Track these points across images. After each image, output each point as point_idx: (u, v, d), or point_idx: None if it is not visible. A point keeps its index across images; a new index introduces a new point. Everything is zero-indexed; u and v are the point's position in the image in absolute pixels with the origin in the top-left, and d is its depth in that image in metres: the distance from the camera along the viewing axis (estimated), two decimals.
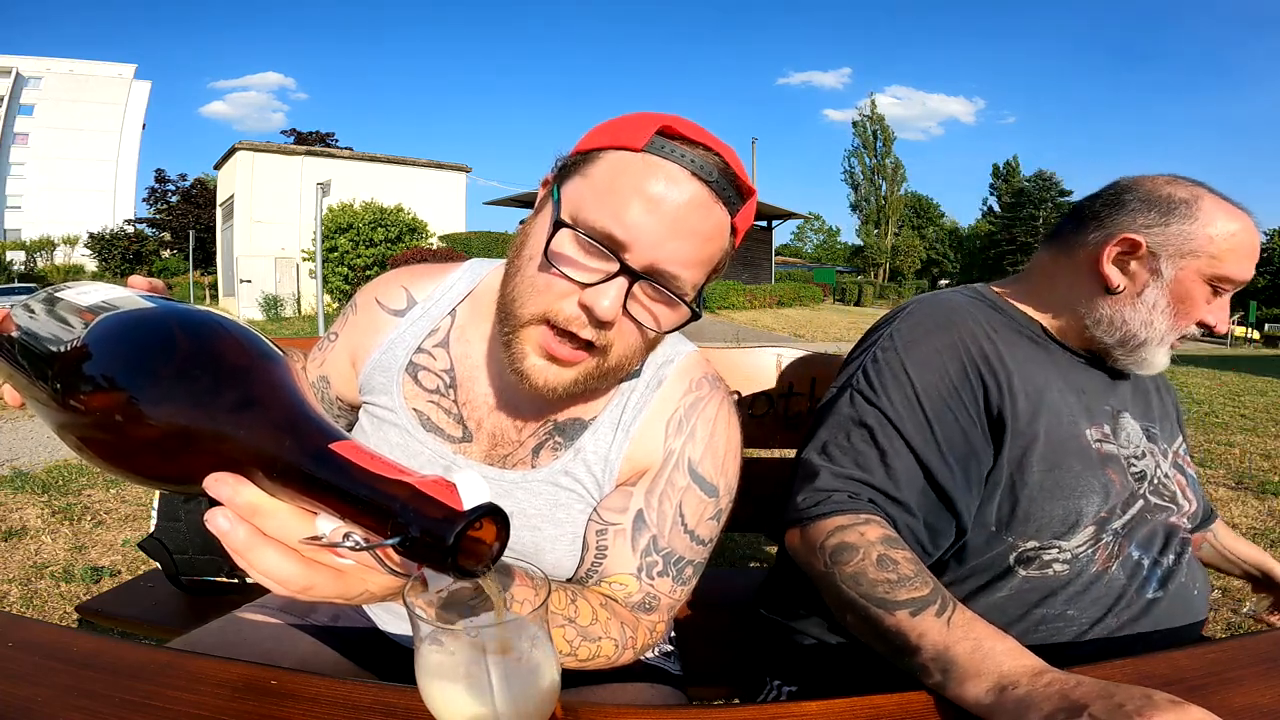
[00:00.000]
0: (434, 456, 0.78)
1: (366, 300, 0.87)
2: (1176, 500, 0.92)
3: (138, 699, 0.55)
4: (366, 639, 0.90)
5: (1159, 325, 0.90)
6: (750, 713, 0.64)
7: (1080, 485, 0.85)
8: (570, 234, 0.65)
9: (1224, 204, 0.90)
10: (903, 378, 0.86)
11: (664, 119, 0.67)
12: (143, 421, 0.40)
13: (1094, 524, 0.85)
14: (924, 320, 0.92)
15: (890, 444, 0.83)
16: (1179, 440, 1.01)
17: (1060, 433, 0.86)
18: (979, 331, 0.91)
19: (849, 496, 0.80)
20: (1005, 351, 0.90)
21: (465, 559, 0.38)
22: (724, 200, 0.67)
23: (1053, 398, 0.88)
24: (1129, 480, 0.89)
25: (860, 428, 0.85)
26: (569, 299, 0.65)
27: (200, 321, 0.44)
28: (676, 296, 0.67)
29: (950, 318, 0.92)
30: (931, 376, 0.86)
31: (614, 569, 0.75)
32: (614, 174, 0.65)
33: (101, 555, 2.70)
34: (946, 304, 0.94)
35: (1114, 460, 0.89)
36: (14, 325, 0.47)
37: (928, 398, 0.85)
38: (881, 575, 0.71)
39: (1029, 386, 0.88)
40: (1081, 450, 0.87)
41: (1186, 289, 0.90)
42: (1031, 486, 0.84)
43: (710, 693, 1.15)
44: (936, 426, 0.84)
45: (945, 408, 0.85)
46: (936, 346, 0.88)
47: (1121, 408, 0.94)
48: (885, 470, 0.82)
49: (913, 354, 0.88)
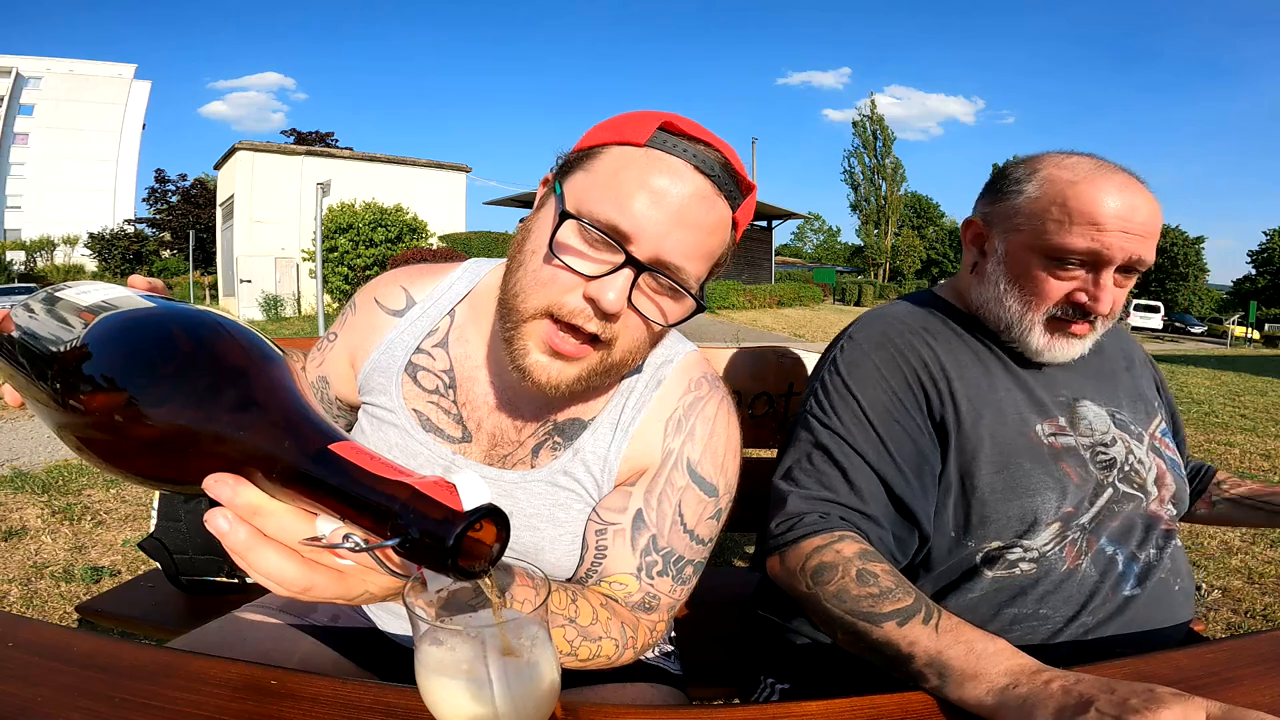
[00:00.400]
0: (433, 457, 0.78)
1: (365, 300, 0.87)
2: (1146, 488, 0.90)
3: (138, 699, 0.55)
4: (366, 639, 0.90)
5: (1012, 305, 0.89)
6: (750, 713, 0.64)
7: (1033, 483, 0.84)
8: (575, 226, 0.65)
9: (1064, 171, 0.86)
10: (849, 398, 0.88)
11: (665, 116, 0.68)
12: (142, 422, 0.40)
13: (1058, 520, 0.84)
14: (863, 340, 0.94)
15: (848, 461, 0.85)
16: (1156, 421, 0.97)
17: (1006, 433, 0.86)
18: (916, 341, 0.92)
19: (820, 517, 0.81)
20: (945, 358, 0.91)
21: (465, 560, 0.38)
22: (725, 194, 0.68)
23: (997, 398, 0.88)
24: (1092, 471, 0.88)
25: (818, 450, 0.87)
26: (574, 292, 0.66)
27: (200, 322, 0.44)
28: (681, 287, 0.67)
29: (886, 333, 0.93)
30: (874, 392, 0.88)
31: (614, 569, 0.75)
32: (617, 168, 0.66)
33: (101, 555, 2.70)
34: (884, 319, 0.96)
35: (1071, 453, 0.87)
36: (14, 325, 0.47)
37: (874, 413, 0.87)
38: (863, 590, 0.71)
39: (970, 390, 0.88)
40: (1032, 447, 0.86)
41: (1021, 264, 0.88)
42: (983, 489, 0.84)
43: (710, 693, 1.15)
44: (887, 439, 0.86)
45: (892, 420, 0.87)
46: (876, 363, 0.90)
47: (1079, 395, 0.92)
48: (849, 487, 0.84)
49: (855, 374, 0.90)
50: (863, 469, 0.85)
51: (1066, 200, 0.84)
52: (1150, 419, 0.97)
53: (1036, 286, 0.87)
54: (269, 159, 22.78)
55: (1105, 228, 0.82)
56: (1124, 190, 0.83)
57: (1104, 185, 0.83)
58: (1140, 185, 0.85)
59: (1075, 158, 0.88)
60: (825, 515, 0.81)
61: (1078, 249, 0.83)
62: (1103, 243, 0.82)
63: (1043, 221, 0.85)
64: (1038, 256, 0.87)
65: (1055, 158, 0.89)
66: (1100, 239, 0.82)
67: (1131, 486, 0.89)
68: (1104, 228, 0.82)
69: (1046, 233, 0.85)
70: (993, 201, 0.93)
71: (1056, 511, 0.85)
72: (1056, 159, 0.88)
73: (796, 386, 1.32)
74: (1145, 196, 0.84)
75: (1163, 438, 0.96)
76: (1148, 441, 0.93)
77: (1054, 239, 0.84)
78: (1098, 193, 0.83)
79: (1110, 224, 0.81)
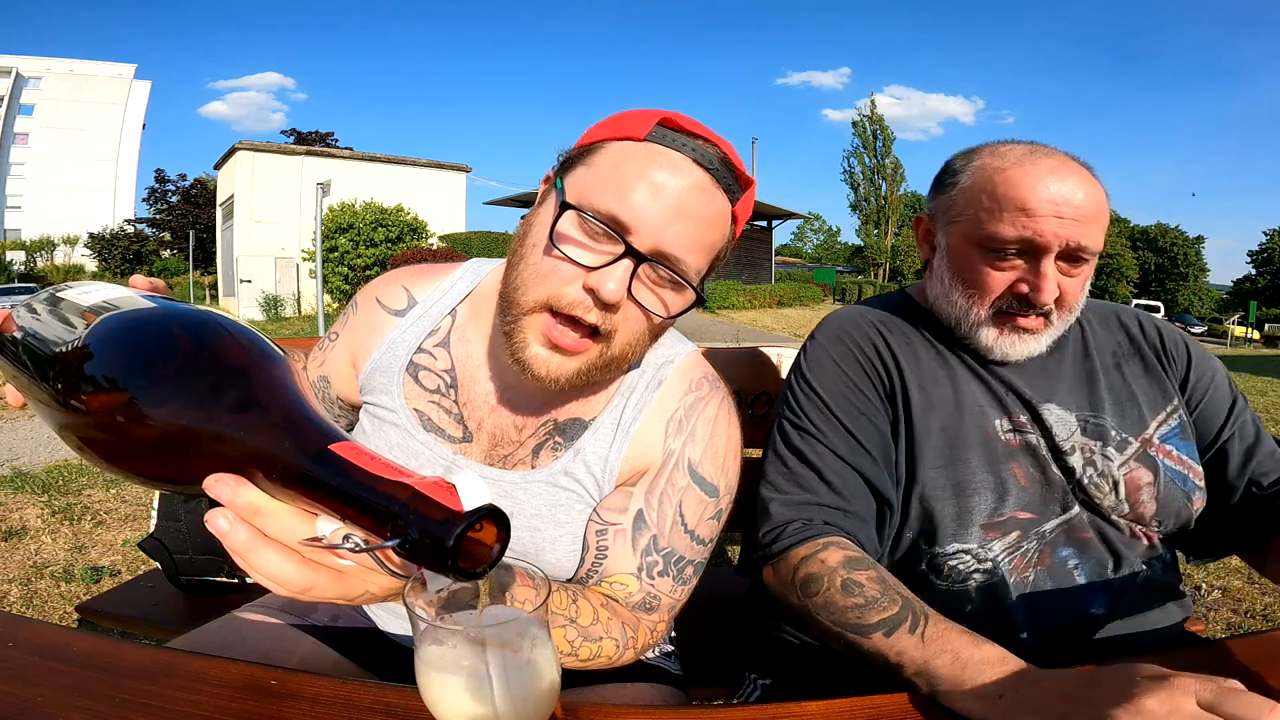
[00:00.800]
0: (434, 457, 0.78)
1: (367, 300, 0.87)
2: (1103, 501, 0.83)
3: (138, 699, 0.55)
4: (366, 639, 0.90)
5: (958, 300, 0.87)
6: (750, 713, 0.64)
7: (974, 482, 0.82)
8: (575, 217, 0.66)
9: (994, 158, 0.83)
10: (813, 396, 0.88)
11: (664, 113, 0.69)
12: (143, 422, 0.40)
13: (1017, 529, 0.81)
14: (822, 339, 0.94)
15: (821, 460, 0.84)
16: (1157, 424, 0.88)
17: (960, 427, 0.85)
18: (870, 332, 0.92)
19: (803, 524, 0.80)
20: (898, 349, 0.90)
21: (465, 560, 0.38)
22: (725, 188, 0.69)
23: (954, 391, 0.87)
24: (1053, 474, 0.84)
25: (792, 453, 0.87)
26: (574, 283, 0.66)
27: (201, 322, 0.44)
28: (681, 278, 0.68)
29: (843, 327, 0.94)
30: (835, 385, 0.88)
31: (614, 569, 0.75)
32: (618, 161, 0.67)
33: (101, 555, 2.70)
34: (842, 317, 0.96)
35: (1029, 453, 0.84)
36: (15, 325, 0.47)
37: (838, 406, 0.87)
38: (849, 601, 0.70)
39: (924, 381, 0.87)
40: (985, 443, 0.84)
41: (961, 257, 0.86)
42: (922, 483, 0.83)
43: (710, 693, 1.15)
44: (855, 431, 0.85)
45: (856, 411, 0.87)
46: (833, 357, 0.91)
47: (1046, 398, 0.87)
48: (827, 486, 0.83)
49: (816, 372, 0.90)
50: (837, 464, 0.84)
51: (995, 187, 0.81)
52: (1147, 422, 0.88)
53: (977, 279, 0.84)
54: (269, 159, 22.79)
55: (1035, 213, 0.78)
56: (1055, 174, 0.79)
57: (1032, 170, 0.79)
58: (1077, 167, 0.81)
59: (1010, 145, 0.84)
60: (809, 521, 0.80)
61: (1008, 237, 0.80)
62: (1033, 229, 0.79)
63: (975, 211, 0.83)
64: (975, 248, 0.84)
65: (991, 146, 0.86)
66: (1031, 225, 0.79)
67: (1089, 498, 0.84)
68: (1034, 213, 0.78)
69: (979, 223, 0.82)
70: (935, 195, 0.91)
71: (992, 515, 0.81)
72: (992, 148, 0.85)
73: None
74: (1081, 179, 0.80)
75: (1163, 444, 0.87)
76: (1133, 449, 0.86)
77: (986, 228, 0.82)
78: (1025, 178, 0.79)
79: (1040, 209, 0.78)
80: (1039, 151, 0.82)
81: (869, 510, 0.84)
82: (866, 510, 0.83)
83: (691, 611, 0.87)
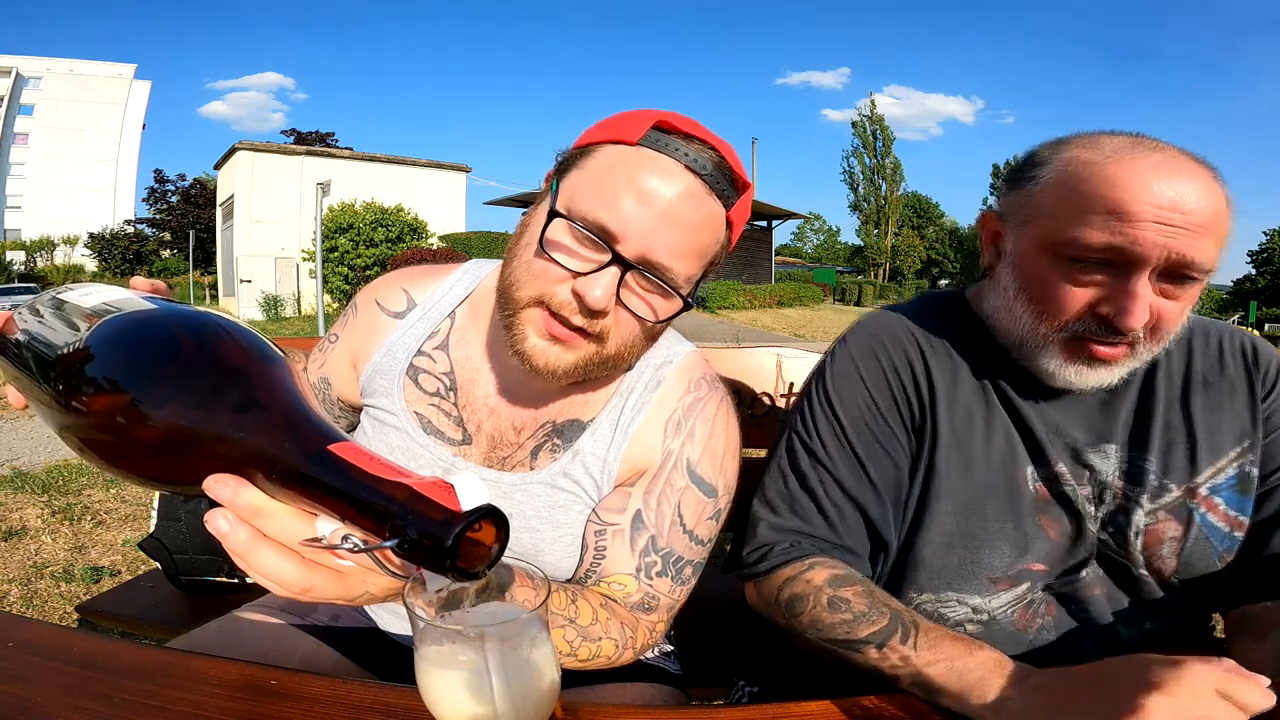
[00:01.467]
0: (434, 460, 0.78)
1: (366, 302, 0.87)
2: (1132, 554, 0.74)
3: (138, 699, 0.55)
4: (366, 639, 0.90)
5: (1022, 317, 0.73)
6: (750, 713, 0.64)
7: (987, 533, 0.74)
8: (564, 224, 0.66)
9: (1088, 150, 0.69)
10: (830, 416, 0.80)
11: (660, 115, 0.68)
12: (144, 423, 0.40)
13: (1026, 581, 0.75)
14: (854, 350, 0.83)
15: (824, 488, 0.79)
16: (1214, 471, 0.75)
17: (984, 474, 0.76)
18: (911, 353, 0.81)
19: (790, 545, 0.77)
20: (938, 376, 0.79)
21: (464, 560, 0.38)
22: (718, 193, 0.68)
23: (979, 432, 0.77)
24: (1087, 530, 0.75)
25: (795, 474, 0.81)
26: (563, 284, 0.67)
27: (201, 323, 0.44)
28: (669, 286, 0.68)
29: (880, 340, 0.82)
30: (857, 411, 0.80)
31: (613, 569, 0.75)
32: (608, 166, 0.67)
33: (101, 555, 2.70)
34: (880, 325, 0.84)
35: (1064, 505, 0.75)
36: (17, 327, 0.47)
37: (856, 436, 0.79)
38: (836, 618, 0.69)
39: (957, 418, 0.77)
40: (1011, 491, 0.75)
41: (1031, 264, 0.72)
42: (928, 529, 0.76)
43: (710, 693, 1.15)
44: (868, 463, 0.78)
45: (874, 442, 0.79)
46: (862, 374, 0.81)
47: (1104, 438, 0.76)
48: (823, 518, 0.79)
49: (840, 388, 0.81)
50: (839, 497, 0.78)
51: (1085, 184, 0.67)
52: (1199, 469, 0.75)
53: (1049, 294, 0.70)
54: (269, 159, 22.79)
55: (1132, 217, 0.63)
56: (1162, 171, 0.64)
57: (1134, 165, 0.65)
58: (1193, 164, 0.66)
59: (1109, 135, 0.70)
60: (795, 544, 0.77)
61: (1094, 244, 0.65)
62: (1128, 236, 0.64)
63: (1057, 212, 0.69)
64: (1050, 256, 0.70)
65: (1085, 136, 0.71)
66: (1125, 231, 0.64)
67: (1115, 551, 0.75)
68: (1130, 217, 0.63)
69: (1061, 225, 0.68)
70: (1010, 191, 0.77)
71: (1007, 569, 0.75)
72: (1086, 138, 0.71)
73: (796, 386, 1.32)
74: (1197, 179, 0.64)
75: (1211, 495, 0.75)
76: (1171, 497, 0.74)
77: (1067, 232, 0.67)
78: (1125, 173, 0.64)
79: (1140, 212, 0.63)
80: (1143, 144, 0.67)
81: (863, 547, 0.80)
82: (860, 546, 0.79)
83: (691, 611, 0.87)
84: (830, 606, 0.70)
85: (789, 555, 0.77)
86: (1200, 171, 0.66)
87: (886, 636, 0.65)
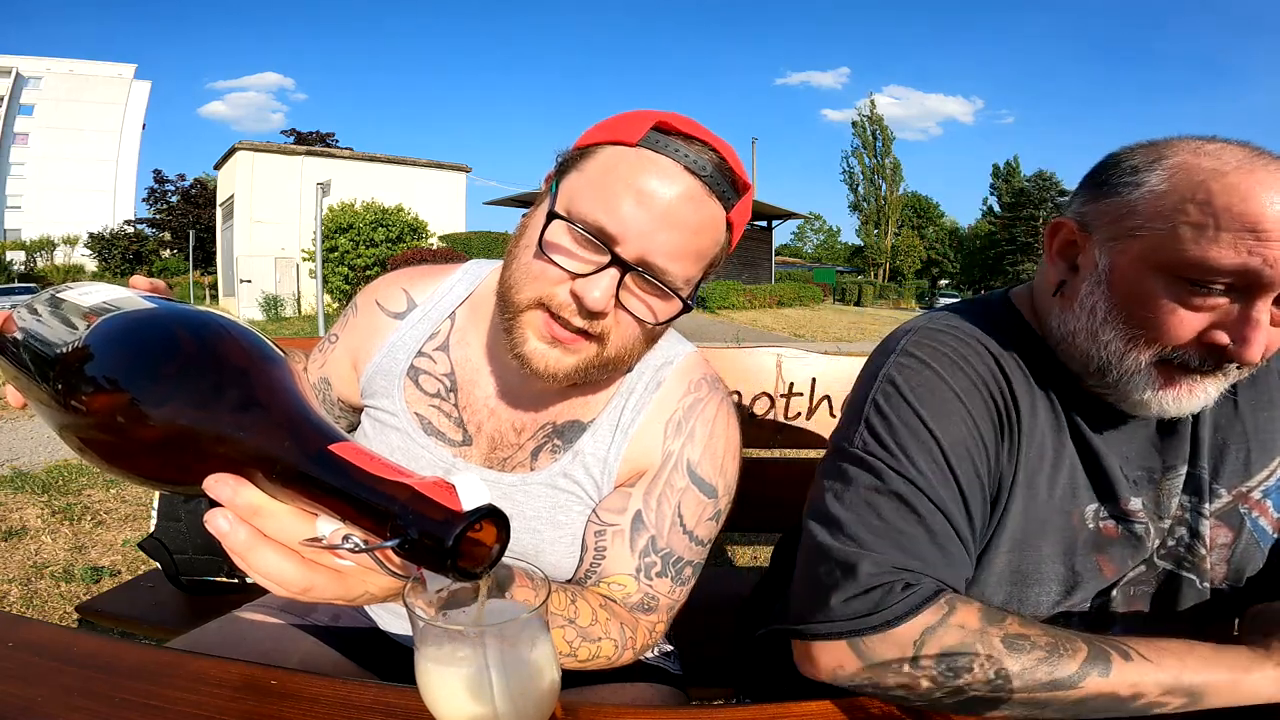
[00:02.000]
0: (434, 460, 0.78)
1: (367, 302, 0.87)
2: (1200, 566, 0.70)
3: (138, 699, 0.55)
4: (366, 639, 0.90)
5: (1111, 342, 0.65)
6: (750, 713, 0.64)
7: (1041, 572, 0.69)
8: (563, 225, 0.66)
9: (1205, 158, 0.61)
10: (924, 434, 0.67)
11: (661, 116, 0.68)
12: (144, 422, 0.40)
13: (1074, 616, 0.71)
14: (929, 359, 0.71)
15: (933, 519, 0.65)
16: (1261, 476, 0.71)
17: (1042, 509, 0.69)
18: (994, 368, 0.71)
19: (906, 586, 0.61)
20: (1020, 395, 0.70)
21: (465, 561, 0.38)
22: (718, 195, 0.68)
23: (1048, 465, 0.70)
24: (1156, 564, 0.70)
25: (891, 499, 0.66)
26: (562, 286, 0.67)
27: (202, 323, 0.44)
28: (668, 288, 0.68)
29: (957, 350, 0.72)
30: (958, 429, 0.68)
31: (612, 570, 0.75)
32: (608, 168, 0.66)
33: (101, 555, 2.70)
34: (946, 334, 0.73)
35: (1128, 543, 0.69)
36: (16, 326, 0.47)
37: (958, 458, 0.67)
38: (1029, 660, 0.57)
39: (1033, 446, 0.70)
40: (1066, 531, 0.69)
41: (1134, 284, 0.64)
42: (985, 569, 0.70)
43: (710, 693, 1.15)
44: (967, 491, 0.67)
45: (972, 468, 0.67)
46: (956, 390, 0.69)
47: (1172, 462, 0.70)
48: (940, 552, 0.64)
49: (930, 403, 0.68)
50: (948, 532, 0.65)
51: (1212, 197, 0.59)
52: (1252, 471, 0.71)
53: (1155, 318, 0.62)
54: (269, 159, 22.80)
55: (1269, 236, 0.57)
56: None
57: (1269, 179, 0.58)
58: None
59: (1220, 144, 0.63)
60: (915, 583, 0.62)
61: (1225, 266, 0.58)
62: (1265, 257, 0.57)
63: (1174, 226, 0.61)
64: (1162, 275, 0.62)
65: (1191, 143, 0.64)
66: (1262, 252, 0.57)
67: (1179, 566, 0.70)
68: (1268, 236, 0.57)
69: (1180, 241, 0.60)
70: (1095, 198, 0.68)
71: (1054, 606, 0.70)
72: (1194, 144, 0.63)
73: (796, 386, 1.32)
74: None
75: (1264, 499, 0.70)
76: (1222, 503, 0.70)
77: (1191, 250, 0.59)
78: (1259, 187, 0.58)
79: (1276, 230, 0.57)
80: (1264, 155, 0.61)
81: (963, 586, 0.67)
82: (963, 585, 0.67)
83: (691, 611, 0.87)
84: (1012, 649, 0.57)
85: (918, 598, 0.60)
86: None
87: (1102, 659, 0.56)
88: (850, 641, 0.61)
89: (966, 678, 0.57)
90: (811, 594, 0.65)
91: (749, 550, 2.81)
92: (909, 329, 0.76)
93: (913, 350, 0.72)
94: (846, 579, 0.63)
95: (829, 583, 0.63)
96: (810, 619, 0.63)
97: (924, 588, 0.61)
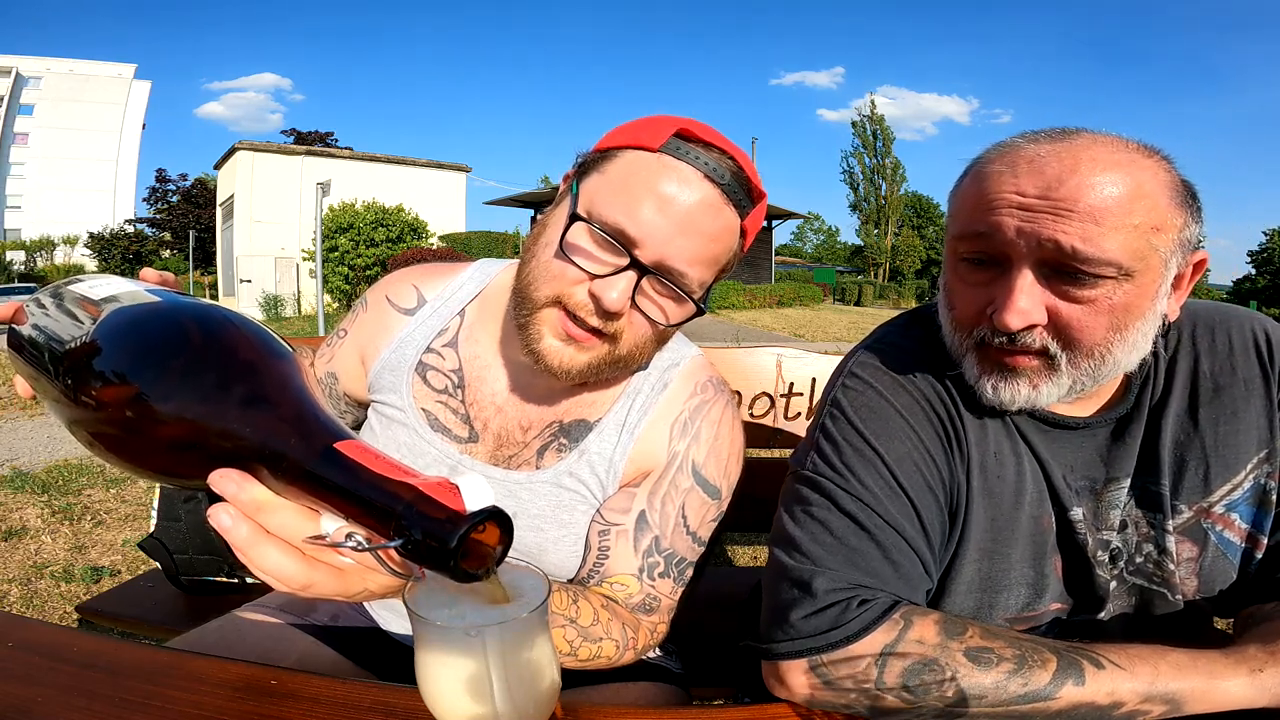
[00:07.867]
0: (440, 456, 0.78)
1: (377, 298, 0.87)
2: (1170, 580, 0.69)
3: (138, 699, 0.55)
4: (366, 638, 0.90)
5: (947, 329, 0.69)
6: (750, 713, 0.64)
7: (1008, 578, 0.69)
8: (585, 227, 0.67)
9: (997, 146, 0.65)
10: (868, 453, 0.67)
11: (682, 122, 0.69)
12: (152, 416, 0.40)
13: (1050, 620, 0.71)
14: (872, 379, 0.72)
15: (883, 534, 0.65)
16: (1231, 487, 0.69)
17: (1012, 515, 0.69)
18: (938, 386, 0.71)
19: (862, 602, 0.61)
20: (965, 407, 0.70)
21: (468, 562, 0.38)
22: (734, 203, 0.69)
23: (1009, 472, 0.69)
24: (1098, 575, 0.69)
25: (842, 517, 0.66)
26: (580, 285, 0.68)
27: (211, 316, 0.44)
28: (683, 293, 0.69)
29: (903, 369, 0.72)
30: (902, 445, 0.68)
31: (616, 569, 0.75)
32: (629, 172, 0.68)
33: (101, 555, 2.70)
34: (893, 352, 0.74)
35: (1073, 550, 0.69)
36: (26, 319, 0.47)
37: (905, 474, 0.67)
38: (998, 674, 0.56)
39: (987, 456, 0.70)
40: (1036, 535, 0.69)
41: (946, 272, 0.69)
42: (954, 578, 0.69)
43: (711, 693, 1.15)
44: (921, 509, 0.66)
45: (924, 485, 0.67)
46: (898, 409, 0.69)
47: (1117, 471, 0.70)
48: (893, 568, 0.64)
49: (873, 422, 0.69)
50: (900, 546, 0.65)
51: (967, 179, 0.66)
52: (1212, 488, 0.69)
53: (954, 299, 0.67)
54: (269, 159, 22.82)
55: (992, 204, 0.60)
56: (1042, 157, 0.59)
57: (1014, 155, 0.61)
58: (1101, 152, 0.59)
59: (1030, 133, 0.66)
60: (870, 599, 0.61)
61: (965, 235, 0.64)
62: (988, 222, 0.61)
63: (951, 211, 0.68)
64: (951, 258, 0.68)
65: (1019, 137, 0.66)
66: (986, 219, 0.61)
67: (1150, 581, 0.70)
68: (990, 204, 0.61)
69: (950, 224, 0.68)
70: None
71: (1022, 609, 0.70)
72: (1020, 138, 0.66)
73: (796, 386, 1.32)
74: (1077, 159, 0.58)
75: (1227, 512, 0.69)
76: (1184, 518, 0.69)
77: (952, 229, 0.66)
78: (1001, 164, 0.61)
79: (1000, 199, 0.60)
80: (1041, 134, 0.63)
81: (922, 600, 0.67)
82: (921, 598, 0.67)
83: (692, 611, 0.87)
84: (978, 663, 0.56)
85: (872, 614, 0.60)
86: (1109, 159, 0.59)
87: (1074, 668, 0.55)
88: (810, 660, 0.61)
89: (936, 694, 0.56)
90: (773, 614, 0.65)
91: (749, 550, 2.80)
92: (856, 350, 0.77)
93: (856, 371, 0.73)
94: (803, 596, 0.63)
95: (788, 600, 0.64)
96: (773, 638, 0.64)
97: (879, 603, 0.61)
